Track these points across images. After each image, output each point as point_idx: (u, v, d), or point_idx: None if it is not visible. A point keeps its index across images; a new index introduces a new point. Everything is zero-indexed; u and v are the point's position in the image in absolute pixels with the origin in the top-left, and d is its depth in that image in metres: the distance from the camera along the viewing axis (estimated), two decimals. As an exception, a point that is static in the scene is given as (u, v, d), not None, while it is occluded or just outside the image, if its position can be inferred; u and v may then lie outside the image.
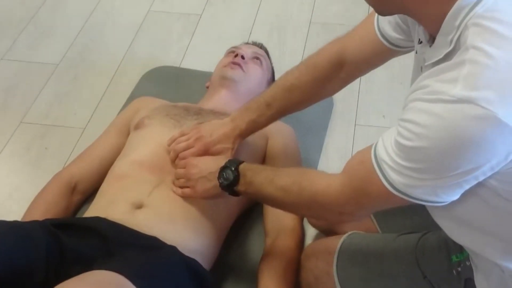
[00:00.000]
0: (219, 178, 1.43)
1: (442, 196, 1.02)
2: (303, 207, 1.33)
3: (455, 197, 1.03)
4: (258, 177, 1.37)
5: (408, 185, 1.02)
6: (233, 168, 1.41)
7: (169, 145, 1.60)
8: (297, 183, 1.27)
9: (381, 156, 1.05)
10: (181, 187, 1.52)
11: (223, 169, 1.43)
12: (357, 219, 1.26)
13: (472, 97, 0.91)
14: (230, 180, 1.40)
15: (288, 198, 1.29)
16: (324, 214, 1.29)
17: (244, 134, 1.60)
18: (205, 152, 1.57)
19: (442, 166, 0.98)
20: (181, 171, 1.53)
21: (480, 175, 0.98)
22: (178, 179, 1.54)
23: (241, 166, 1.40)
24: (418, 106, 0.98)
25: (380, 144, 1.08)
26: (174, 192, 1.52)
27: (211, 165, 1.47)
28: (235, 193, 1.42)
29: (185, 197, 1.52)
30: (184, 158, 1.56)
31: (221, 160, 1.45)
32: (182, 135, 1.61)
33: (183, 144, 1.57)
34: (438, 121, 0.94)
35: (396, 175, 1.03)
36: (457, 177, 0.98)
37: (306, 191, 1.24)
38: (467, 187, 1.01)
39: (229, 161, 1.44)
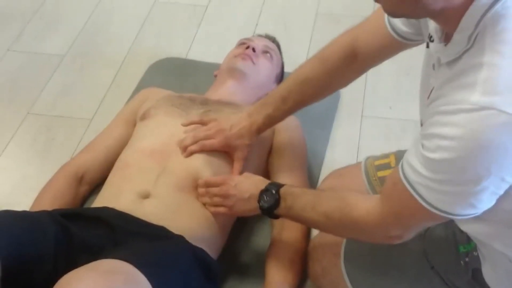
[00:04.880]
0: (259, 201, 1.43)
1: (478, 206, 1.01)
2: (347, 232, 1.34)
3: (491, 204, 1.02)
4: (298, 202, 1.37)
5: (444, 202, 1.02)
6: (273, 192, 1.41)
7: (184, 125, 1.60)
8: (337, 210, 1.27)
9: (412, 178, 1.05)
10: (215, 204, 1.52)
11: (263, 192, 1.43)
12: (406, 239, 1.26)
13: (493, 103, 0.90)
14: (270, 204, 1.40)
15: (331, 224, 1.30)
16: (370, 238, 1.28)
17: (261, 129, 1.60)
18: (225, 145, 1.59)
19: (472, 176, 0.97)
20: (216, 190, 1.51)
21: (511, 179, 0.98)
22: (211, 196, 1.52)
23: (282, 190, 1.40)
24: (439, 119, 0.97)
25: (406, 165, 1.07)
26: (208, 209, 1.52)
27: (252, 187, 1.46)
28: (275, 216, 1.43)
29: (194, 188, 1.53)
30: (203, 146, 1.57)
31: (261, 183, 1.46)
32: (202, 122, 1.61)
33: (203, 134, 1.58)
34: (462, 132, 0.93)
35: (430, 193, 1.02)
36: (489, 184, 0.97)
37: (347, 218, 1.24)
38: (501, 192, 1.00)
39: (269, 184, 1.44)
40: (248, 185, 1.48)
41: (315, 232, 1.68)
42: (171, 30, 2.50)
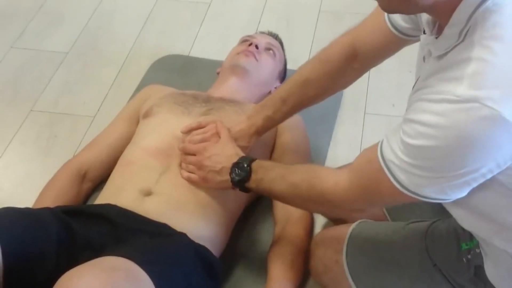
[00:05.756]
0: (231, 173, 1.44)
1: (450, 193, 1.04)
2: (313, 204, 1.35)
3: (463, 194, 1.04)
4: (269, 174, 1.38)
5: (416, 184, 1.04)
6: (245, 165, 1.42)
7: (183, 132, 1.59)
8: (306, 181, 1.28)
9: (388, 156, 1.07)
10: (189, 171, 1.53)
11: (235, 165, 1.44)
12: (367, 214, 1.27)
13: (477, 97, 0.91)
14: (242, 176, 1.41)
15: (298, 195, 1.31)
16: (334, 210, 1.31)
17: (261, 131, 1.60)
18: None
19: (449, 165, 0.98)
20: (192, 158, 1.53)
21: (488, 173, 0.99)
22: (187, 163, 1.53)
23: (254, 164, 1.42)
24: (422, 106, 0.98)
25: (385, 144, 1.08)
26: (181, 175, 1.53)
27: (224, 159, 1.47)
28: (245, 189, 1.44)
29: (192, 183, 1.53)
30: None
31: (233, 156, 1.46)
32: (199, 126, 1.60)
33: (199, 137, 1.57)
34: (443, 121, 0.94)
35: (403, 174, 1.04)
36: (464, 175, 0.99)
37: (315, 189, 1.26)
38: (474, 184, 1.02)
39: (242, 157, 1.45)
40: (221, 158, 1.48)
41: (317, 230, 1.69)
42: (174, 28, 2.50)
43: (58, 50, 2.40)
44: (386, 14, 1.33)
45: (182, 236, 1.41)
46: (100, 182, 1.78)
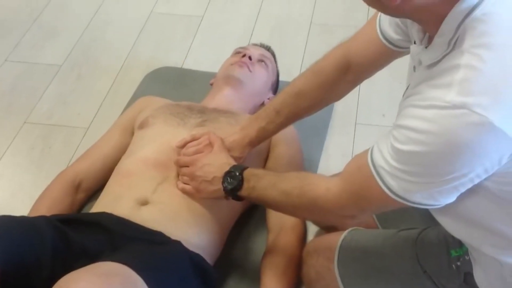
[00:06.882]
0: (223, 183, 1.45)
1: (439, 199, 1.05)
2: (304, 211, 1.36)
3: (452, 199, 1.05)
4: (261, 182, 1.39)
5: (406, 190, 1.05)
6: (237, 174, 1.43)
7: (178, 146, 1.61)
8: (297, 188, 1.29)
9: (378, 162, 1.08)
10: (184, 183, 1.54)
11: (227, 174, 1.45)
12: (358, 221, 1.28)
13: (466, 103, 0.93)
14: (234, 185, 1.43)
15: (290, 202, 1.32)
16: (325, 217, 1.31)
17: (254, 142, 1.61)
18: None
19: (438, 170, 1.00)
20: (186, 170, 1.54)
21: (475, 178, 1.01)
22: (182, 175, 1.55)
23: (245, 172, 1.43)
24: (412, 112, 1.00)
25: (376, 150, 1.10)
26: (177, 186, 1.54)
27: (216, 169, 1.49)
28: (238, 198, 1.45)
29: (187, 194, 1.54)
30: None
31: (225, 166, 1.48)
32: (193, 139, 1.61)
33: (193, 149, 1.58)
34: (433, 127, 0.96)
35: (393, 180, 1.06)
36: (453, 180, 1.00)
37: (306, 195, 1.27)
38: (463, 190, 1.03)
39: (234, 166, 1.47)
40: (213, 168, 1.50)
41: (310, 238, 1.70)
42: (167, 40, 2.52)
43: (52, 63, 2.42)
44: (378, 26, 1.35)
45: (177, 244, 1.42)
46: (94, 193, 1.79)
